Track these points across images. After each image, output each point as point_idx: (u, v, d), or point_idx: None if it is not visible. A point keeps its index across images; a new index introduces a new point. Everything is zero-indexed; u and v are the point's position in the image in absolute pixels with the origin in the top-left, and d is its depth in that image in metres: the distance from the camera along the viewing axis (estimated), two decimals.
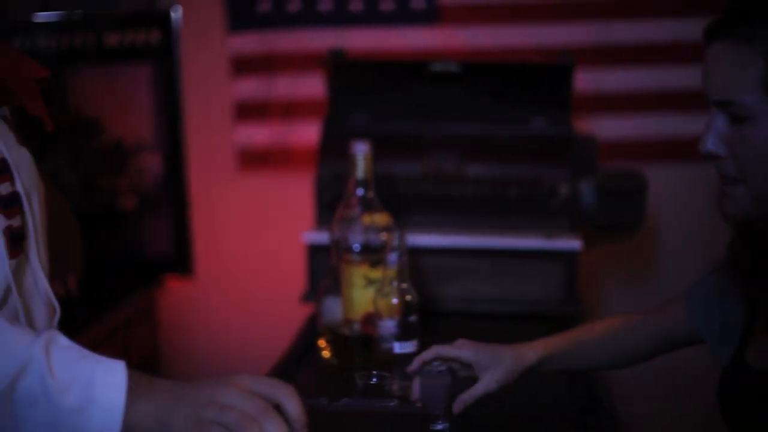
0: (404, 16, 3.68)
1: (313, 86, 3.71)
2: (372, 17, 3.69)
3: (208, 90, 3.90)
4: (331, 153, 2.55)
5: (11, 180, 1.67)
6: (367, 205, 1.85)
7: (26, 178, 1.73)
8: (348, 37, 3.66)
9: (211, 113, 3.90)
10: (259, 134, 3.84)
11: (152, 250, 4.03)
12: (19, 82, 1.70)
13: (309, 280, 2.38)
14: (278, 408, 1.23)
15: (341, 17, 3.70)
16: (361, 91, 2.62)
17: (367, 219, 1.84)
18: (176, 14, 3.88)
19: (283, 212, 3.80)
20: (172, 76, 3.91)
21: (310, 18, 3.72)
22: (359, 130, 2.55)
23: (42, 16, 3.97)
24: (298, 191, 3.35)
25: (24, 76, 1.71)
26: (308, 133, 3.72)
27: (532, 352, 1.66)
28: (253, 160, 3.87)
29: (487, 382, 1.61)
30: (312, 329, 2.13)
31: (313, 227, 2.47)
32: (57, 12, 4.01)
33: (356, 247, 1.84)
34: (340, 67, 2.61)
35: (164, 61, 3.91)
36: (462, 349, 1.63)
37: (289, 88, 3.78)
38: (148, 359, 3.90)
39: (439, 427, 1.58)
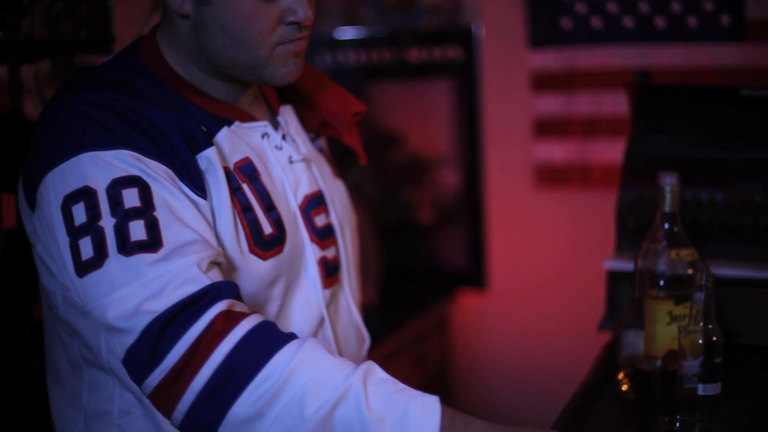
0: (710, 33, 3.54)
1: (614, 104, 3.65)
2: (677, 34, 3.58)
3: (508, 106, 3.91)
4: (635, 177, 2.49)
5: (327, 212, 1.74)
6: (673, 240, 1.79)
7: (341, 210, 1.80)
8: (652, 55, 3.58)
9: (510, 129, 3.92)
10: (558, 151, 3.82)
11: (447, 263, 4.09)
12: (338, 115, 1.77)
13: (608, 308, 2.33)
14: None
15: (645, 34, 3.61)
16: (666, 114, 2.54)
17: (673, 254, 1.78)
18: (478, 30, 3.92)
19: (581, 231, 3.75)
20: (472, 92, 3.95)
21: (613, 35, 3.66)
22: (663, 154, 2.48)
23: (346, 33, 4.11)
24: (597, 211, 3.30)
25: (342, 110, 1.78)
26: (608, 152, 3.67)
27: None
28: (552, 176, 3.85)
29: None
30: (610, 359, 2.09)
31: (615, 254, 2.42)
32: (360, 28, 4.15)
33: (661, 282, 1.79)
34: (644, 90, 2.54)
35: (464, 76, 3.96)
36: None
37: (590, 105, 3.73)
38: (439, 372, 3.96)
39: None
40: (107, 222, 1.39)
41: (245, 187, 1.57)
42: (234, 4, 1.50)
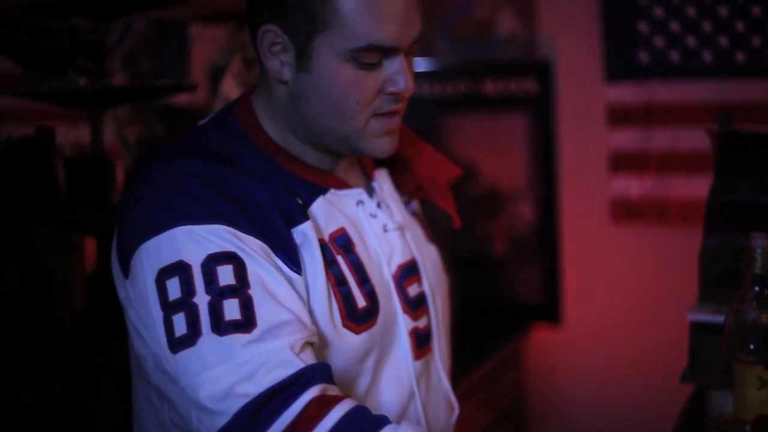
0: None
1: (692, 139, 3.60)
2: (757, 69, 3.53)
3: (584, 139, 3.87)
4: (718, 224, 2.44)
5: (419, 281, 1.72)
6: (764, 302, 1.75)
7: (433, 276, 1.77)
8: (731, 89, 3.52)
9: (586, 163, 3.88)
10: (634, 186, 3.77)
11: (521, 297, 4.05)
12: (433, 181, 1.75)
13: (690, 360, 2.28)
14: None
15: (724, 69, 3.56)
16: (750, 159, 2.49)
17: (763, 317, 1.73)
18: (554, 63, 3.89)
19: (657, 269, 3.70)
20: (548, 125, 3.92)
21: (691, 70, 3.61)
22: (747, 200, 2.43)
23: (420, 64, 4.11)
24: (674, 247, 3.25)
25: (437, 175, 1.76)
26: (686, 188, 3.61)
27: None
28: (628, 212, 3.80)
29: None
30: (695, 416, 2.05)
31: (698, 303, 2.38)
32: (435, 59, 4.14)
33: (751, 346, 1.74)
34: (728, 135, 2.49)
35: (540, 109, 3.94)
36: None
37: (667, 140, 3.68)
38: (512, 408, 3.92)
39: None
40: (201, 299, 1.38)
41: (340, 259, 1.55)
42: (335, 72, 1.48)
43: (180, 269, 1.39)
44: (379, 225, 1.65)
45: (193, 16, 3.28)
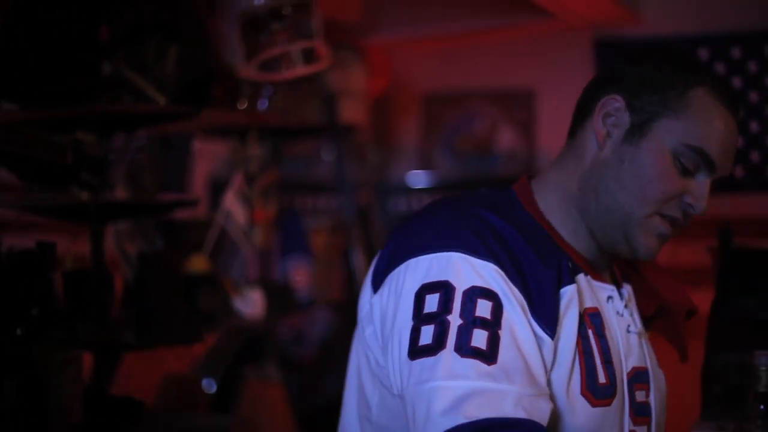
0: None
1: (691, 254, 3.59)
2: (755, 184, 3.56)
3: None
4: (720, 340, 2.44)
5: (647, 390, 1.71)
6: None
7: (658, 396, 1.76)
8: (729, 204, 3.54)
9: None
10: None
11: None
12: (680, 307, 1.76)
13: None
14: None
15: (723, 184, 3.58)
16: (751, 276, 2.50)
17: None
18: None
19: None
20: None
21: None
22: (749, 316, 2.44)
23: (419, 178, 4.13)
24: (672, 363, 3.21)
25: (683, 304, 1.77)
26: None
27: None
28: None
29: None
30: None
31: (701, 420, 2.36)
32: (434, 173, 4.15)
33: None
34: (729, 252, 2.51)
35: None
36: None
37: (666, 254, 3.67)
38: None
39: None
40: (455, 319, 1.42)
41: (590, 334, 1.57)
42: (659, 156, 1.54)
43: (444, 288, 1.45)
44: (624, 324, 1.67)
45: (196, 131, 3.32)
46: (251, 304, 3.23)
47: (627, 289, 1.75)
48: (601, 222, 1.61)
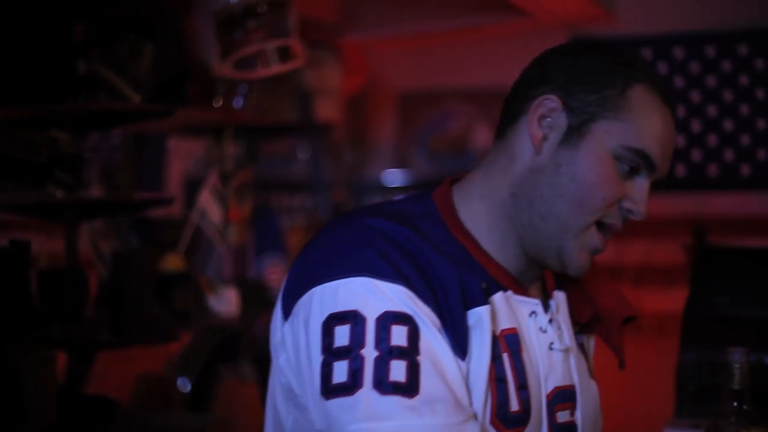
0: (762, 182, 3.55)
1: (666, 253, 3.62)
2: (729, 183, 3.59)
3: None
4: (695, 338, 2.45)
5: (573, 409, 1.64)
6: (742, 418, 1.74)
7: (587, 411, 1.68)
8: (704, 203, 3.57)
9: None
10: None
11: None
12: (613, 315, 1.70)
13: None
14: None
15: (698, 182, 3.61)
16: (726, 275, 2.52)
17: None
18: None
19: (631, 381, 3.68)
20: None
21: (665, 183, 3.66)
22: (724, 314, 2.45)
23: (395, 177, 4.13)
24: (649, 361, 3.23)
25: (618, 311, 1.71)
26: (660, 301, 3.62)
27: None
28: None
29: None
30: None
31: (675, 417, 2.37)
32: (409, 172, 4.16)
33: None
34: (704, 251, 2.53)
35: None
36: None
37: (641, 253, 3.71)
38: None
39: None
40: (369, 352, 1.35)
41: (505, 357, 1.49)
42: (599, 160, 1.46)
43: (353, 318, 1.38)
44: (547, 341, 1.58)
45: (171, 129, 3.31)
46: (226, 302, 3.22)
47: (558, 298, 1.66)
48: (533, 232, 1.52)
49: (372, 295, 1.38)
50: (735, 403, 1.77)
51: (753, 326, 2.39)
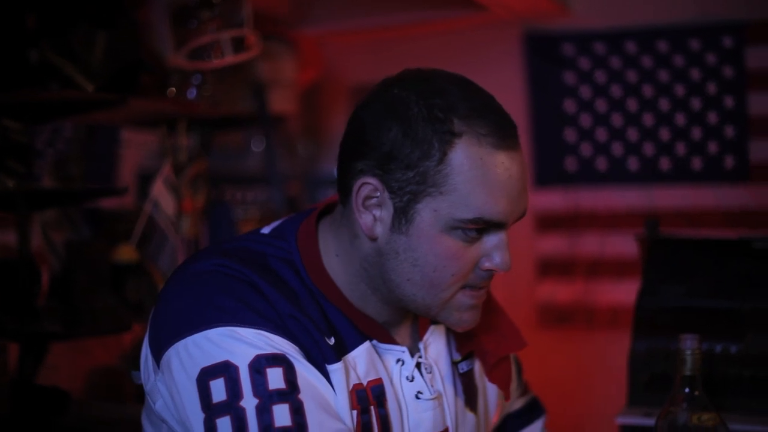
0: (714, 175, 3.58)
1: (619, 245, 3.65)
2: (681, 176, 3.62)
3: (512, 245, 3.89)
4: (647, 328, 2.47)
5: None
6: (694, 404, 1.76)
7: None
8: (657, 196, 3.60)
9: (513, 268, 3.89)
10: (562, 291, 3.80)
11: None
12: (486, 354, 1.62)
13: None
14: None
15: (650, 176, 3.64)
16: (678, 265, 2.54)
17: (694, 418, 1.75)
18: None
19: (586, 373, 3.71)
20: None
21: (618, 177, 3.69)
22: (675, 304, 2.47)
23: None
24: (602, 352, 3.26)
25: (494, 349, 1.65)
26: (613, 293, 3.65)
27: None
28: (555, 317, 3.82)
29: None
30: None
31: (627, 406, 2.39)
32: None
33: None
34: (656, 241, 2.54)
35: None
36: None
37: (594, 245, 3.74)
38: None
39: None
40: (249, 402, 1.30)
41: (372, 409, 1.47)
42: (435, 240, 1.38)
43: (225, 370, 1.32)
44: (413, 390, 1.55)
45: (124, 120, 3.28)
46: None
47: (433, 338, 1.61)
48: (404, 304, 1.47)
49: (237, 342, 1.33)
50: (687, 389, 1.79)
51: (704, 316, 2.41)
